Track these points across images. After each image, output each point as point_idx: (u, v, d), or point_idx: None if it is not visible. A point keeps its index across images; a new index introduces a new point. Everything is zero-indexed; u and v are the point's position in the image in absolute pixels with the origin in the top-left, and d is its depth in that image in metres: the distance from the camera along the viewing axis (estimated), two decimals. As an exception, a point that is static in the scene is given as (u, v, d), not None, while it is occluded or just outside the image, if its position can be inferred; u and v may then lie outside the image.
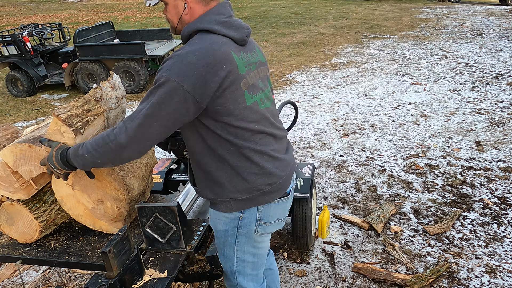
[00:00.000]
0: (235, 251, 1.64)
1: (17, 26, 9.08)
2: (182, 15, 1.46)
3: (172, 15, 1.49)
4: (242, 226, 1.57)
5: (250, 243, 1.63)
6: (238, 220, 1.56)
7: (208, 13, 1.45)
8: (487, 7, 14.82)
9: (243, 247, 1.63)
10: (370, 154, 4.24)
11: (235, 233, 1.59)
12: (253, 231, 1.59)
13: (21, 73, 6.84)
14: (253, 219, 1.56)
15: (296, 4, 17.92)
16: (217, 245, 1.69)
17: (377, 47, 9.20)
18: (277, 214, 1.62)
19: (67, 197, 1.75)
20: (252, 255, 1.67)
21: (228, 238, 1.61)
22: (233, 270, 1.69)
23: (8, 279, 2.71)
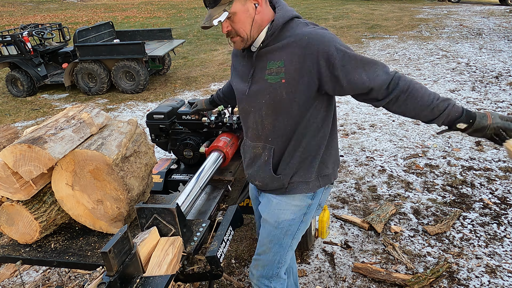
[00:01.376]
0: (293, 239, 1.73)
1: (17, 26, 9.09)
2: (254, 17, 1.45)
3: (242, 23, 1.45)
4: (308, 212, 1.69)
5: (305, 229, 1.76)
6: (307, 207, 1.68)
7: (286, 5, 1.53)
8: (487, 7, 14.82)
9: (299, 234, 1.75)
10: (370, 154, 4.24)
11: (300, 220, 1.70)
12: (313, 215, 1.72)
13: (21, 73, 6.84)
14: (317, 203, 1.71)
15: (296, 4, 17.92)
16: (274, 235, 1.72)
17: (377, 47, 9.20)
18: (327, 196, 1.79)
19: (67, 197, 1.75)
20: (298, 241, 1.79)
21: (292, 226, 1.69)
22: (281, 260, 1.76)
23: (8, 279, 2.71)
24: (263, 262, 1.78)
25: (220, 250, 1.84)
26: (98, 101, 6.59)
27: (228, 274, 2.68)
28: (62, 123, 1.78)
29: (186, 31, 12.37)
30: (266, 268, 1.78)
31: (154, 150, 2.09)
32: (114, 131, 1.85)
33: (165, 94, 6.68)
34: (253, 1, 1.44)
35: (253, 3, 1.44)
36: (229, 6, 1.42)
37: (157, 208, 1.61)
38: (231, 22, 1.45)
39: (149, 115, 2.58)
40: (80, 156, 1.66)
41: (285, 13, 1.48)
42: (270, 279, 1.79)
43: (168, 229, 1.64)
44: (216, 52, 9.51)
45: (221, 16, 1.42)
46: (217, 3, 1.42)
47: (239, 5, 1.42)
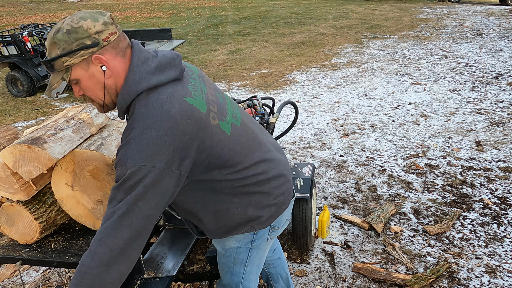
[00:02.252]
0: (245, 267, 1.59)
1: (17, 26, 9.08)
2: (105, 81, 1.22)
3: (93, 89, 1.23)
4: (256, 239, 1.52)
5: (260, 254, 1.60)
6: (253, 235, 1.51)
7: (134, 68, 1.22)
8: (487, 7, 14.82)
9: (253, 260, 1.59)
10: (370, 154, 4.24)
11: (248, 248, 1.54)
12: (266, 239, 1.55)
13: (21, 73, 6.84)
14: (267, 229, 1.52)
15: (296, 4, 17.92)
16: (224, 264, 1.62)
17: (377, 47, 9.20)
18: (287, 216, 1.60)
19: (67, 197, 1.75)
20: (257, 266, 1.64)
21: (240, 255, 1.55)
22: (239, 285, 1.64)
23: (8, 279, 2.71)
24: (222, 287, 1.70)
25: (220, 250, 1.84)
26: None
27: None
28: (62, 123, 1.79)
29: (186, 31, 12.37)
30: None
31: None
32: (113, 131, 1.86)
33: (165, 94, 6.67)
34: (98, 64, 1.19)
35: (99, 67, 1.20)
36: (67, 74, 1.20)
37: None
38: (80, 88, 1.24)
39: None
40: (80, 157, 1.66)
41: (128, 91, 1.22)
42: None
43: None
44: (216, 52, 9.52)
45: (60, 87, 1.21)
46: (52, 70, 1.20)
47: (81, 71, 1.20)
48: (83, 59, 1.18)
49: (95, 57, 1.18)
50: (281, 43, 10.17)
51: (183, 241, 1.91)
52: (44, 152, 1.59)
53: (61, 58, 1.17)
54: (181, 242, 1.90)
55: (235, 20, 14.29)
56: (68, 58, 1.17)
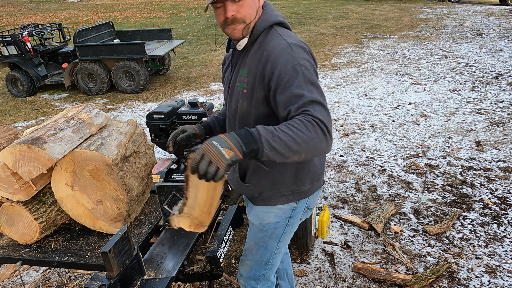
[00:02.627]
0: (279, 242, 1.69)
1: (17, 26, 9.08)
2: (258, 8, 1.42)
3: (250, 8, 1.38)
4: (293, 215, 1.63)
5: (291, 233, 1.71)
6: (292, 211, 1.62)
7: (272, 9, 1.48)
8: (487, 7, 14.82)
9: (286, 237, 1.70)
10: (370, 154, 4.24)
11: (285, 224, 1.64)
12: (299, 218, 1.67)
13: (21, 73, 6.84)
14: (303, 207, 1.64)
15: (296, 4, 17.92)
16: (259, 238, 1.69)
17: (377, 47, 9.20)
18: (317, 199, 1.72)
19: (66, 197, 1.75)
20: (286, 244, 1.75)
21: (277, 230, 1.65)
22: (269, 262, 1.73)
23: (8, 279, 2.71)
24: (250, 263, 1.77)
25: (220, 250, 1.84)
26: (98, 101, 6.59)
27: (228, 274, 2.68)
28: (62, 123, 1.79)
29: (186, 31, 12.37)
30: (253, 270, 1.77)
31: (153, 150, 2.09)
32: (113, 131, 1.86)
33: (165, 94, 6.68)
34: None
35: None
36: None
37: (175, 186, 1.71)
38: (238, 7, 1.35)
39: (149, 115, 2.58)
40: (80, 157, 1.66)
41: (267, 19, 1.44)
42: (257, 280, 1.77)
43: None
44: (216, 52, 9.51)
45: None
46: None
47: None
48: None
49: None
50: (281, 43, 10.16)
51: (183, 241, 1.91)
52: (44, 152, 1.59)
53: None
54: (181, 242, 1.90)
55: (235, 20, 14.26)
56: None
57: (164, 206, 1.76)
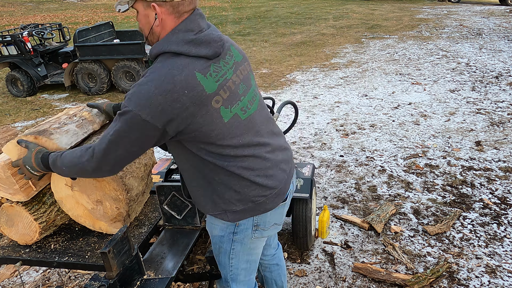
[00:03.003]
0: (229, 258, 1.62)
1: (17, 26, 9.08)
2: (153, 26, 1.37)
3: (143, 24, 1.40)
4: (238, 232, 1.54)
5: (245, 250, 1.61)
6: (235, 227, 1.53)
7: (176, 31, 1.35)
8: (487, 7, 14.82)
9: (238, 255, 1.61)
10: (370, 154, 4.24)
11: (231, 239, 1.57)
12: (250, 236, 1.56)
13: (21, 73, 6.84)
14: (249, 225, 1.54)
15: (296, 4, 17.92)
16: (213, 250, 1.68)
17: (377, 47, 9.20)
18: (274, 219, 1.59)
19: (66, 198, 1.75)
20: (246, 261, 1.65)
21: (224, 244, 1.59)
22: (227, 277, 1.68)
23: (8, 279, 2.71)
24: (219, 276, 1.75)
25: (220, 250, 1.84)
26: (98, 101, 6.58)
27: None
28: (65, 119, 1.79)
29: (186, 31, 12.35)
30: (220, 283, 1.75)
31: (153, 150, 2.09)
32: (113, 131, 1.85)
33: (165, 94, 6.68)
34: (154, 11, 1.34)
35: (154, 13, 1.35)
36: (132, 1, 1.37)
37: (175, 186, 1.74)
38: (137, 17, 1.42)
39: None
40: (80, 157, 1.66)
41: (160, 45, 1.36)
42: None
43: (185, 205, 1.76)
44: (216, 52, 9.51)
45: (122, 6, 1.38)
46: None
47: (141, 6, 1.37)
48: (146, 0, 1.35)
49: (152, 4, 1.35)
50: (281, 43, 10.18)
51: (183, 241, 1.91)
52: (51, 142, 1.59)
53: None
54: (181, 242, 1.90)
55: (235, 20, 14.29)
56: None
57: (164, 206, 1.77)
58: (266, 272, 2.04)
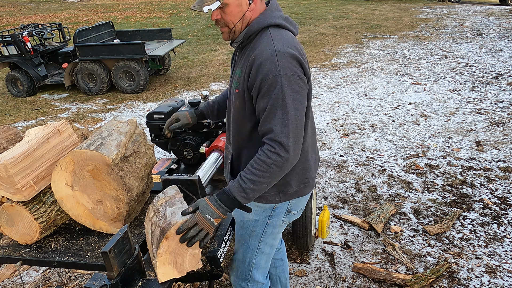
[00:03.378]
0: (259, 241, 1.68)
1: (17, 26, 9.08)
2: (246, 12, 1.43)
3: (233, 16, 1.43)
4: (273, 215, 1.63)
5: (274, 234, 1.69)
6: (272, 210, 1.62)
7: (272, 9, 1.47)
8: (487, 7, 14.82)
9: (267, 238, 1.69)
10: (370, 154, 4.24)
11: (265, 223, 1.65)
12: (282, 220, 1.65)
13: (21, 73, 6.84)
14: (284, 208, 1.63)
15: (296, 4, 17.92)
16: (241, 236, 1.71)
17: (377, 47, 9.20)
18: (302, 204, 1.70)
19: (66, 197, 1.75)
20: (270, 246, 1.73)
21: (257, 228, 1.66)
22: (251, 262, 1.72)
23: (8, 279, 2.71)
24: (236, 262, 1.78)
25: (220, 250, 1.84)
26: (98, 101, 6.59)
27: (228, 274, 2.68)
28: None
29: (186, 31, 12.37)
30: (239, 270, 1.77)
31: (153, 150, 2.09)
32: (113, 131, 1.85)
33: (165, 94, 6.68)
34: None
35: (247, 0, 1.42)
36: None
37: (181, 179, 1.76)
38: (221, 12, 1.42)
39: (149, 115, 2.58)
40: (80, 156, 1.66)
41: (263, 19, 1.45)
42: (245, 281, 1.77)
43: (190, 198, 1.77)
44: (216, 52, 9.52)
45: (213, 5, 1.38)
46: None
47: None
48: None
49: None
50: (281, 43, 10.16)
51: None
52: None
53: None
54: None
55: (235, 20, 14.26)
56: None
57: None
58: (271, 268, 2.07)
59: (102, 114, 5.93)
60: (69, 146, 1.85)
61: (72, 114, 6.01)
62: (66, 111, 6.18)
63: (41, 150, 1.74)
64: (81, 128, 2.05)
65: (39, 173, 1.72)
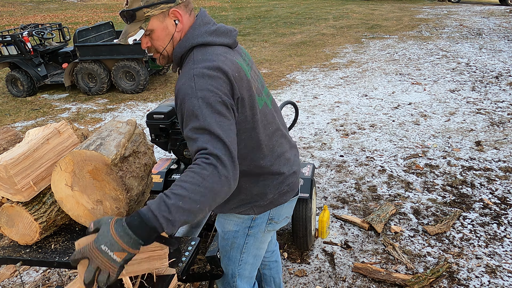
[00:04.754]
0: (241, 253, 1.64)
1: (17, 26, 9.09)
2: (174, 34, 1.36)
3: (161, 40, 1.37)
4: (253, 226, 1.58)
5: (256, 244, 1.65)
6: (251, 221, 1.57)
7: (196, 26, 1.38)
8: (487, 7, 14.82)
9: (250, 249, 1.64)
10: (370, 154, 4.24)
11: (245, 233, 1.60)
12: (263, 230, 1.61)
13: (21, 73, 6.84)
14: (265, 218, 1.58)
15: (296, 4, 17.92)
16: (222, 247, 1.69)
17: (377, 47, 9.20)
18: (287, 212, 1.65)
19: (66, 198, 1.75)
20: (254, 256, 1.68)
21: (237, 239, 1.62)
22: (235, 273, 1.69)
23: (8, 279, 2.71)
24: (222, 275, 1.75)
25: (220, 250, 1.84)
26: (98, 101, 6.59)
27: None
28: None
29: (186, 31, 12.36)
30: (223, 281, 1.75)
31: (153, 150, 2.09)
32: (112, 131, 1.85)
33: (165, 94, 6.68)
34: (172, 17, 1.34)
35: (173, 20, 1.35)
36: (145, 23, 1.33)
37: None
38: (150, 39, 1.38)
39: (149, 115, 2.58)
40: (79, 157, 1.66)
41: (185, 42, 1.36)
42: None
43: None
44: (216, 52, 9.51)
45: (137, 34, 1.33)
46: (133, 19, 1.33)
47: (157, 22, 1.33)
48: (162, 12, 1.32)
49: (172, 11, 1.33)
50: (281, 43, 10.17)
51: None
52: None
53: (143, 9, 1.31)
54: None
55: (235, 20, 14.29)
56: (149, 10, 1.31)
57: None
58: (265, 270, 2.07)
59: (102, 114, 5.93)
60: (69, 147, 1.86)
61: (72, 114, 6.01)
62: (66, 111, 6.18)
63: (41, 151, 1.74)
64: (81, 128, 2.06)
65: (39, 173, 1.72)
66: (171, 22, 1.35)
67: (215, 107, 1.22)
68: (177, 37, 1.38)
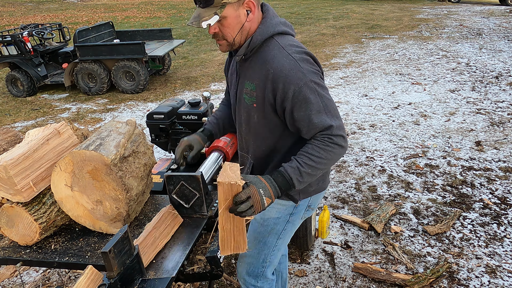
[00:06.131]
0: (278, 238, 1.70)
1: (17, 26, 9.09)
2: (244, 24, 1.42)
3: (231, 28, 1.41)
4: (295, 213, 1.66)
5: (291, 231, 1.73)
6: (293, 207, 1.65)
7: (270, 16, 1.47)
8: (487, 7, 14.82)
9: (286, 235, 1.71)
10: (370, 154, 4.24)
11: (286, 220, 1.67)
12: (301, 216, 1.69)
13: (21, 73, 6.84)
14: (305, 205, 1.67)
15: (296, 4, 17.92)
16: (259, 233, 1.72)
17: (377, 47, 9.20)
18: (319, 200, 1.74)
19: (66, 198, 1.75)
20: (285, 244, 1.76)
21: (278, 225, 1.68)
22: (266, 259, 1.74)
23: (8, 279, 2.71)
24: (248, 259, 1.78)
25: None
26: (98, 101, 6.59)
27: (228, 274, 2.68)
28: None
29: (186, 31, 12.37)
30: (251, 266, 1.78)
31: (153, 150, 2.09)
32: (112, 131, 1.85)
33: (165, 94, 6.68)
34: (246, 7, 1.40)
35: (245, 10, 1.40)
36: (221, 9, 1.37)
37: (184, 176, 1.76)
38: (219, 25, 1.41)
39: (149, 115, 2.58)
40: (79, 157, 1.66)
41: (266, 29, 1.44)
42: (256, 278, 1.78)
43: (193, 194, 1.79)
44: (216, 52, 9.51)
45: (211, 19, 1.37)
46: (209, 4, 1.36)
47: (232, 10, 1.38)
48: (238, 1, 1.38)
49: (247, 1, 1.40)
50: (281, 43, 10.16)
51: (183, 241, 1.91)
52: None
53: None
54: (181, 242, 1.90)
55: (235, 20, 14.26)
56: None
57: (172, 195, 1.81)
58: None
59: (102, 114, 5.94)
60: (68, 147, 1.86)
61: (72, 114, 6.02)
62: (66, 111, 6.18)
63: (41, 151, 1.74)
64: (81, 128, 2.06)
65: (39, 174, 1.72)
66: (244, 11, 1.40)
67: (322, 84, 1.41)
68: (247, 27, 1.43)
